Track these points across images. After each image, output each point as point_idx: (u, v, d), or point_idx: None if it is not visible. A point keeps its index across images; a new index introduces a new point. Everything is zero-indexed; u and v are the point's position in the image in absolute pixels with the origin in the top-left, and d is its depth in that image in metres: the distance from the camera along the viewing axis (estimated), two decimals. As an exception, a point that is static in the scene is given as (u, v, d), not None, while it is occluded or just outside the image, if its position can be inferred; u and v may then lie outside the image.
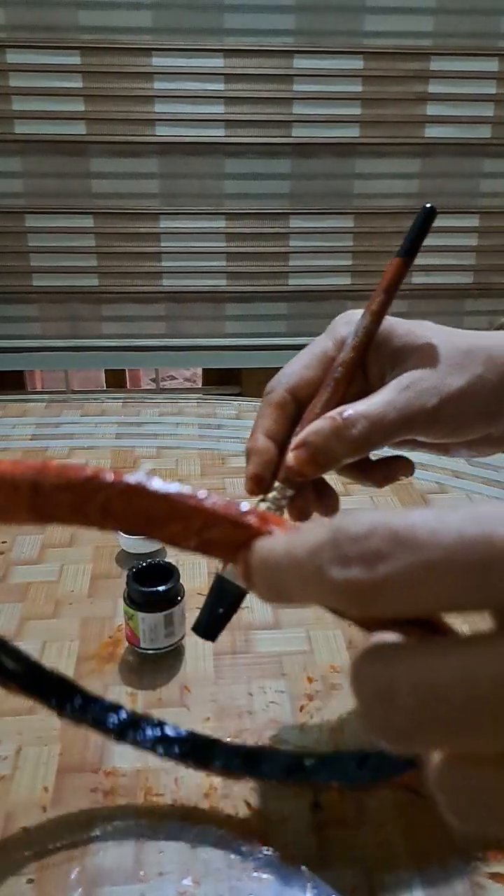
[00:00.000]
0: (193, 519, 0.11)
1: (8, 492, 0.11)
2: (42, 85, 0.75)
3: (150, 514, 0.11)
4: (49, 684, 0.21)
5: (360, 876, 0.19)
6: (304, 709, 0.24)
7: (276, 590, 0.10)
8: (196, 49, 0.74)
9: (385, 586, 0.09)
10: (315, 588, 0.09)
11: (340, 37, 0.75)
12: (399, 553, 0.09)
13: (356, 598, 0.09)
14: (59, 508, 0.11)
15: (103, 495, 0.11)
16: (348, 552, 0.09)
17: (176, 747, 0.21)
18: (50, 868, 0.19)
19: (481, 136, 0.81)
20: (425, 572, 0.08)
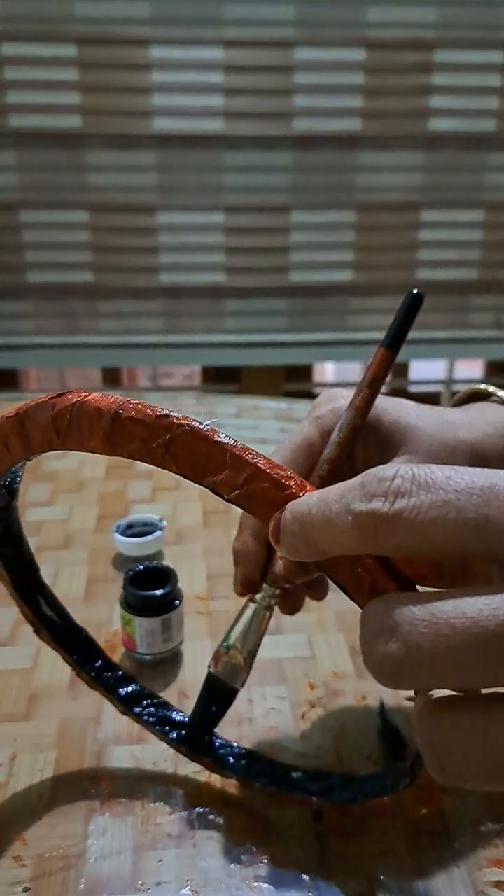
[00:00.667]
0: (242, 471, 0.12)
1: (92, 418, 0.13)
2: (37, 77, 0.74)
3: (206, 459, 0.13)
4: (77, 641, 0.21)
5: (362, 885, 0.19)
6: (306, 716, 0.24)
7: (304, 538, 0.11)
8: (195, 40, 0.73)
9: (401, 518, 0.10)
10: (341, 523, 0.11)
11: (342, 28, 0.74)
12: (416, 491, 0.10)
13: (373, 527, 0.10)
14: (131, 440, 0.13)
15: (170, 434, 0.13)
16: (373, 490, 0.10)
17: (174, 732, 0.21)
18: (46, 877, 0.19)
19: (486, 129, 0.79)
20: (437, 509, 0.10)
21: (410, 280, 0.85)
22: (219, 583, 0.31)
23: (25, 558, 0.19)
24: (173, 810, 0.20)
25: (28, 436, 0.14)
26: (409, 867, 0.19)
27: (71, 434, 0.13)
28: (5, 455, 0.15)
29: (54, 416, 0.14)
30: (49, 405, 0.14)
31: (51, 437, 0.14)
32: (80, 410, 0.13)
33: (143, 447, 0.13)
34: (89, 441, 0.13)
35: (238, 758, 0.21)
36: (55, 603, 0.20)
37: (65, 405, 0.13)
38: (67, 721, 0.23)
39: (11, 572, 0.19)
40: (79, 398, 0.13)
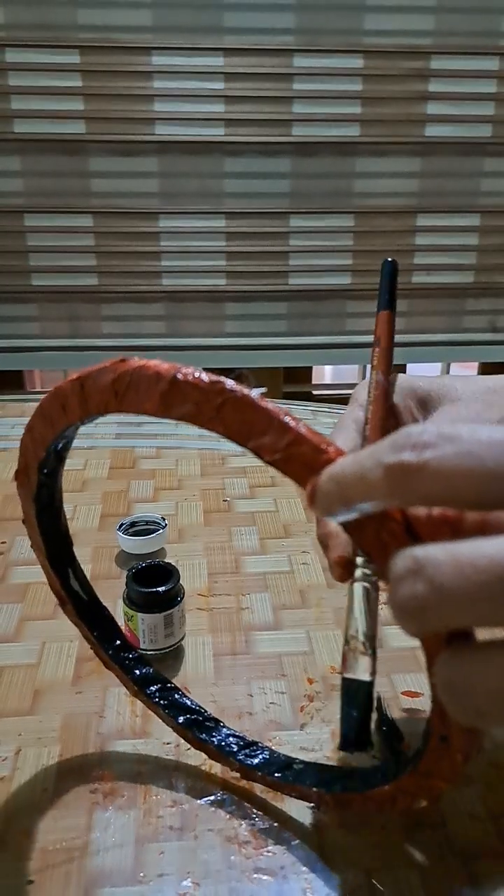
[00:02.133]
0: (284, 435, 0.13)
1: (151, 381, 0.14)
2: (41, 84, 0.74)
3: (252, 424, 0.14)
4: (99, 618, 0.21)
5: (361, 878, 0.19)
6: (305, 710, 0.24)
7: (338, 495, 0.12)
8: (196, 48, 0.74)
9: (429, 467, 0.11)
10: (372, 475, 0.11)
11: (340, 35, 0.75)
12: (442, 443, 0.11)
13: (402, 477, 0.11)
14: (185, 402, 0.14)
15: (221, 398, 0.14)
16: (402, 443, 0.11)
17: (182, 716, 0.21)
18: (49, 869, 0.19)
19: (482, 135, 0.80)
20: (461, 459, 0.10)
21: (406, 283, 0.86)
22: (219, 579, 0.31)
23: (61, 531, 0.20)
24: (175, 803, 0.21)
25: (87, 397, 0.15)
26: (406, 859, 0.19)
27: (128, 396, 0.14)
28: (62, 417, 0.16)
29: (115, 379, 0.14)
30: (111, 369, 0.15)
31: (108, 398, 0.15)
32: (140, 373, 0.14)
33: (195, 409, 0.14)
34: (145, 402, 0.14)
35: (241, 747, 0.21)
36: (83, 578, 0.21)
37: (126, 369, 0.14)
38: (71, 716, 0.24)
39: (48, 542, 0.19)
40: (139, 363, 0.14)
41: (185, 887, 0.18)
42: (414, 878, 0.19)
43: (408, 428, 0.11)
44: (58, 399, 0.16)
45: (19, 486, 0.18)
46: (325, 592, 0.30)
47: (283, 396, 0.92)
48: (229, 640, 0.27)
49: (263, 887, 0.18)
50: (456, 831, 0.20)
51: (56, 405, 0.16)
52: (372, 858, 0.19)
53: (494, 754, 0.22)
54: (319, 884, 0.19)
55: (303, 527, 0.36)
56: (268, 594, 0.30)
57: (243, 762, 0.21)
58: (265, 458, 0.13)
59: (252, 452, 0.14)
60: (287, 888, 0.18)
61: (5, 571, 0.32)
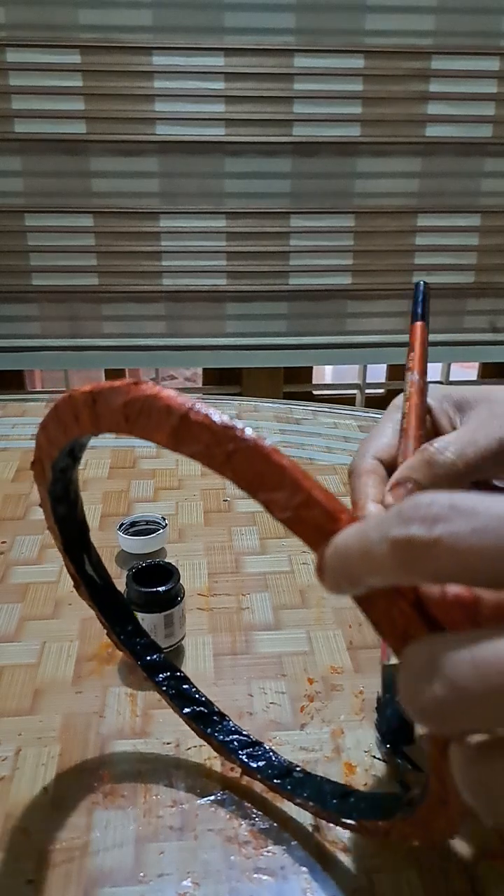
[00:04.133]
0: (297, 494, 0.12)
1: (162, 414, 0.13)
2: (42, 84, 0.74)
3: (264, 476, 0.13)
4: (112, 603, 0.21)
5: (361, 878, 0.19)
6: (305, 710, 0.24)
7: (345, 569, 0.11)
8: (196, 48, 0.74)
9: (441, 544, 0.10)
10: (379, 551, 0.10)
11: (341, 36, 0.75)
12: (455, 517, 0.10)
13: (412, 554, 0.10)
14: (195, 442, 0.13)
15: (233, 446, 0.13)
16: (411, 515, 0.10)
17: (188, 706, 0.21)
18: (50, 869, 0.19)
19: (482, 136, 0.80)
20: (476, 536, 0.09)
21: (408, 284, 0.86)
22: (219, 579, 0.31)
23: (78, 519, 0.20)
24: (175, 803, 0.21)
25: (99, 415, 0.14)
26: (406, 861, 0.19)
27: (140, 423, 0.14)
28: (74, 426, 0.15)
29: (126, 403, 0.14)
30: (123, 391, 0.14)
31: (119, 421, 0.14)
32: (152, 404, 0.13)
33: (205, 451, 0.13)
34: (156, 434, 0.14)
35: (243, 746, 0.21)
36: (99, 565, 0.21)
37: (137, 395, 0.14)
38: (71, 715, 0.24)
39: (63, 530, 0.19)
40: (152, 391, 0.14)
41: (185, 887, 0.18)
42: (414, 878, 0.19)
43: (416, 497, 0.10)
44: (71, 408, 0.15)
45: (35, 476, 0.18)
46: (325, 592, 0.30)
47: (284, 396, 0.92)
48: (229, 640, 0.27)
49: (263, 887, 0.18)
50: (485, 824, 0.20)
51: (69, 413, 0.15)
52: (372, 858, 0.19)
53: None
54: (319, 884, 0.19)
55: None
56: (268, 594, 0.30)
57: (244, 763, 0.21)
58: (275, 515, 0.13)
59: (261, 505, 0.13)
60: (287, 888, 0.18)
61: (5, 571, 0.32)
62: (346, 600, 0.29)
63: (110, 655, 0.26)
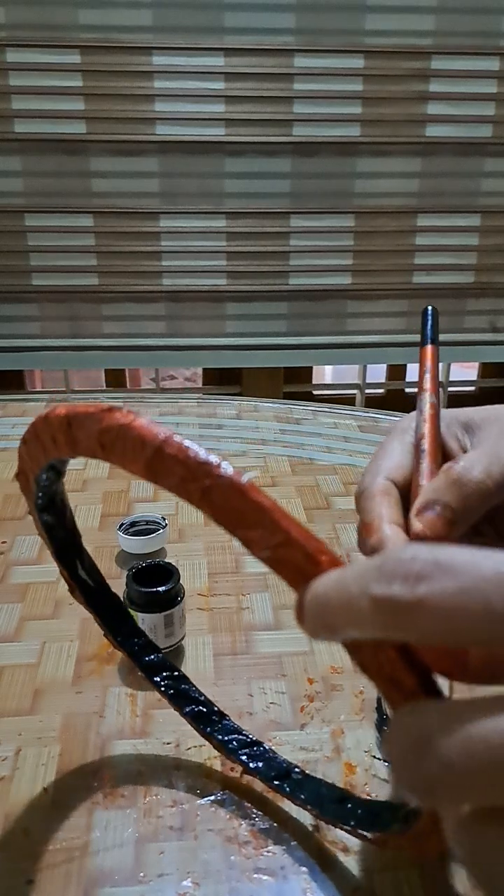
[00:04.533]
0: (275, 534, 0.12)
1: (136, 445, 0.13)
2: (42, 84, 0.74)
3: (241, 514, 0.12)
4: (109, 605, 0.21)
5: (361, 878, 0.19)
6: (305, 710, 0.24)
7: (324, 619, 0.11)
8: (196, 48, 0.74)
9: (423, 605, 0.09)
10: (358, 607, 0.10)
11: (341, 36, 0.75)
12: (438, 576, 0.09)
13: (395, 615, 0.09)
14: (170, 476, 0.13)
15: (209, 482, 0.12)
16: (393, 572, 0.10)
17: (188, 706, 0.21)
18: (49, 869, 0.19)
19: (482, 135, 0.80)
20: (461, 596, 0.09)
21: (407, 283, 0.86)
22: (219, 579, 0.31)
23: (67, 526, 0.20)
24: (175, 803, 0.21)
25: (75, 440, 0.14)
26: (406, 861, 0.19)
27: (115, 451, 0.13)
28: (52, 448, 0.15)
29: (101, 431, 0.13)
30: (97, 417, 0.13)
31: (95, 448, 0.14)
32: (126, 434, 0.13)
33: (180, 485, 0.13)
34: (131, 464, 0.13)
35: (243, 746, 0.21)
36: (92, 568, 0.21)
37: (111, 423, 0.13)
38: (71, 715, 0.24)
39: (53, 537, 0.19)
40: (126, 420, 0.13)
41: (185, 887, 0.18)
42: (414, 878, 0.19)
43: (397, 551, 0.10)
44: (48, 429, 0.15)
45: (21, 487, 0.18)
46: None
47: (284, 396, 0.92)
48: (229, 640, 0.27)
49: (263, 887, 0.18)
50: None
51: (47, 434, 0.15)
52: (372, 858, 0.19)
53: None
54: (319, 884, 0.19)
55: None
56: (268, 594, 0.30)
57: (244, 762, 0.21)
58: (254, 553, 0.12)
59: (240, 543, 0.12)
60: (287, 888, 0.18)
61: (5, 571, 0.32)
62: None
63: (110, 655, 0.26)
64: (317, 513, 0.36)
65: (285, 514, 0.12)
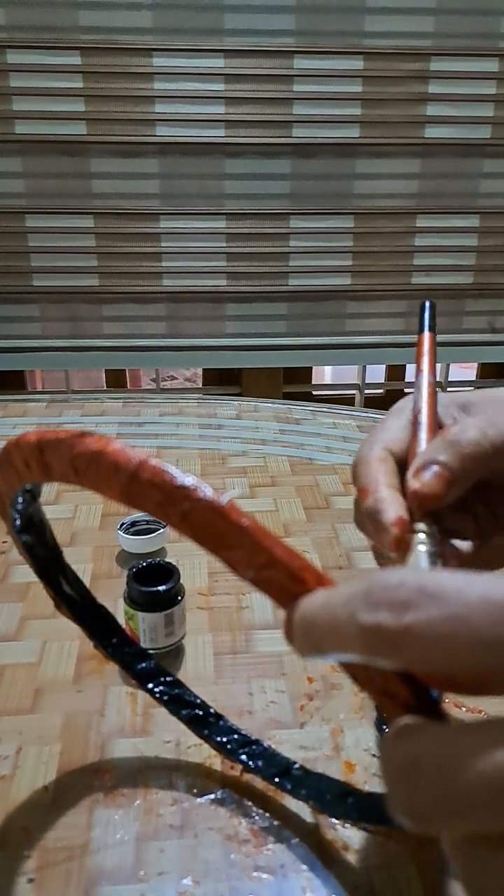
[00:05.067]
0: (258, 555, 0.12)
1: (110, 471, 0.13)
2: (42, 85, 0.75)
3: (221, 535, 0.12)
4: (96, 617, 0.21)
5: (361, 876, 0.19)
6: (304, 708, 0.24)
7: (312, 641, 0.11)
8: (196, 49, 0.74)
9: (410, 632, 0.09)
10: (345, 633, 0.10)
11: (340, 37, 0.75)
12: (425, 604, 0.09)
13: (382, 642, 0.10)
14: (147, 501, 0.13)
15: (187, 505, 0.12)
16: (379, 599, 0.10)
17: (185, 710, 0.21)
18: (50, 867, 0.19)
19: (481, 137, 0.81)
20: (447, 625, 0.09)
21: (406, 284, 0.86)
22: (219, 578, 0.31)
23: (48, 544, 0.20)
24: (175, 801, 0.21)
25: (48, 465, 0.14)
26: (406, 858, 0.19)
27: (89, 477, 0.13)
28: (26, 472, 0.15)
29: (73, 457, 0.13)
30: (68, 443, 0.13)
31: (68, 473, 0.13)
32: (99, 461, 0.13)
33: (158, 509, 0.12)
34: (107, 490, 0.13)
35: (241, 745, 0.21)
36: (77, 582, 0.21)
37: (84, 450, 0.13)
38: (72, 714, 0.24)
39: (34, 556, 0.19)
40: (98, 446, 0.13)
41: (185, 885, 0.19)
42: (413, 875, 0.19)
43: (383, 576, 0.10)
44: (20, 454, 0.14)
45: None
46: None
47: (283, 397, 0.92)
48: (229, 639, 0.27)
49: (263, 886, 0.19)
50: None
51: (19, 458, 0.15)
52: (372, 856, 0.19)
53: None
54: (319, 882, 0.19)
55: (303, 526, 0.36)
56: (268, 594, 0.30)
57: (244, 762, 0.21)
58: (239, 574, 0.12)
59: (224, 564, 0.12)
60: (287, 886, 0.19)
61: (6, 571, 0.32)
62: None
63: (111, 654, 0.27)
64: (316, 512, 0.37)
65: (266, 533, 0.12)
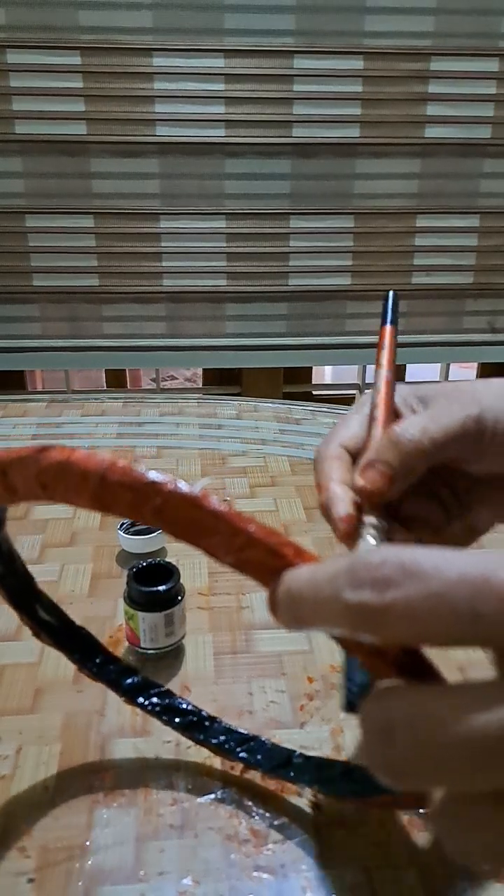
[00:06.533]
0: (236, 537, 0.12)
1: (78, 480, 0.13)
2: (42, 85, 0.75)
3: (197, 524, 0.12)
4: (76, 639, 0.21)
5: (360, 876, 0.19)
6: (304, 708, 0.24)
7: (297, 615, 0.11)
8: (196, 49, 0.74)
9: (391, 609, 0.10)
10: (330, 610, 0.10)
11: (340, 37, 0.75)
12: (406, 582, 0.10)
13: (365, 619, 0.10)
14: (119, 503, 0.13)
15: (160, 500, 0.12)
16: (362, 578, 0.10)
17: (178, 718, 0.21)
18: (50, 868, 0.19)
19: (481, 137, 0.81)
20: (427, 601, 0.10)
21: (406, 284, 0.86)
22: (219, 578, 0.31)
23: (19, 572, 0.20)
24: (175, 801, 0.21)
25: (13, 486, 0.14)
26: (406, 858, 0.19)
27: (58, 490, 0.13)
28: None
29: (38, 472, 0.13)
30: (32, 460, 0.13)
31: (36, 490, 0.13)
32: (66, 471, 0.13)
33: (132, 509, 0.12)
34: (77, 499, 0.13)
35: (240, 743, 0.21)
36: (52, 607, 0.21)
37: (49, 463, 0.13)
38: (72, 714, 0.24)
39: (6, 586, 0.20)
40: (62, 457, 0.13)
41: (185, 885, 0.19)
42: (413, 877, 0.19)
43: (366, 555, 0.10)
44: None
45: None
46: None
47: (283, 396, 0.92)
48: (229, 639, 0.27)
49: (263, 885, 0.19)
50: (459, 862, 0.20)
51: None
52: (372, 857, 0.19)
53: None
54: (319, 882, 0.19)
55: (303, 526, 0.36)
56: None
57: (244, 759, 0.21)
58: (220, 560, 0.12)
59: (204, 553, 0.12)
60: (287, 886, 0.19)
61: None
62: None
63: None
64: (316, 512, 0.37)
65: (242, 516, 0.12)
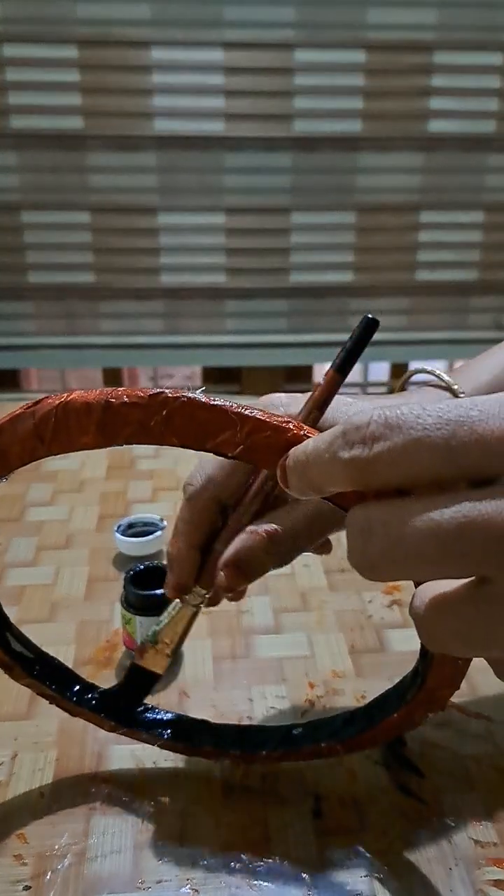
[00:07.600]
0: (243, 426, 0.13)
1: (81, 414, 0.13)
2: (39, 78, 0.74)
3: (206, 424, 0.13)
4: (51, 670, 0.21)
5: (362, 884, 0.19)
6: (305, 715, 0.24)
7: (306, 480, 0.13)
8: (195, 42, 0.73)
9: (379, 459, 0.11)
10: (331, 469, 0.12)
11: (342, 30, 0.74)
12: (389, 434, 0.11)
13: (358, 471, 0.12)
14: (127, 425, 0.13)
15: (167, 409, 0.13)
16: (353, 438, 0.12)
17: (165, 731, 0.21)
18: (47, 875, 0.19)
19: (485, 131, 0.80)
20: (409, 446, 0.11)
21: (410, 280, 0.85)
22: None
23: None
24: (173, 809, 0.20)
25: (4, 451, 0.14)
26: (408, 865, 0.19)
27: (58, 437, 0.13)
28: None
29: (37, 423, 0.13)
30: (28, 414, 0.14)
31: (34, 445, 0.14)
32: (67, 410, 0.13)
33: (140, 428, 0.13)
34: (80, 438, 0.13)
35: (235, 736, 0.21)
36: (23, 637, 0.20)
37: (47, 409, 0.13)
38: (68, 720, 0.23)
39: None
40: (61, 399, 0.13)
41: (184, 894, 0.18)
42: (415, 883, 0.19)
43: (354, 419, 0.12)
44: None
45: None
46: (326, 595, 0.30)
47: (284, 394, 0.91)
48: (229, 644, 0.27)
49: (263, 894, 0.18)
50: (458, 837, 0.20)
51: None
52: (373, 864, 0.19)
53: (496, 759, 0.22)
54: (319, 891, 0.18)
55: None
56: (268, 597, 0.30)
57: (244, 752, 0.21)
58: (228, 454, 0.13)
59: (213, 453, 0.13)
60: (287, 895, 0.18)
61: (1, 573, 0.31)
62: (348, 604, 0.28)
63: (107, 659, 0.26)
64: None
65: (245, 406, 0.13)
